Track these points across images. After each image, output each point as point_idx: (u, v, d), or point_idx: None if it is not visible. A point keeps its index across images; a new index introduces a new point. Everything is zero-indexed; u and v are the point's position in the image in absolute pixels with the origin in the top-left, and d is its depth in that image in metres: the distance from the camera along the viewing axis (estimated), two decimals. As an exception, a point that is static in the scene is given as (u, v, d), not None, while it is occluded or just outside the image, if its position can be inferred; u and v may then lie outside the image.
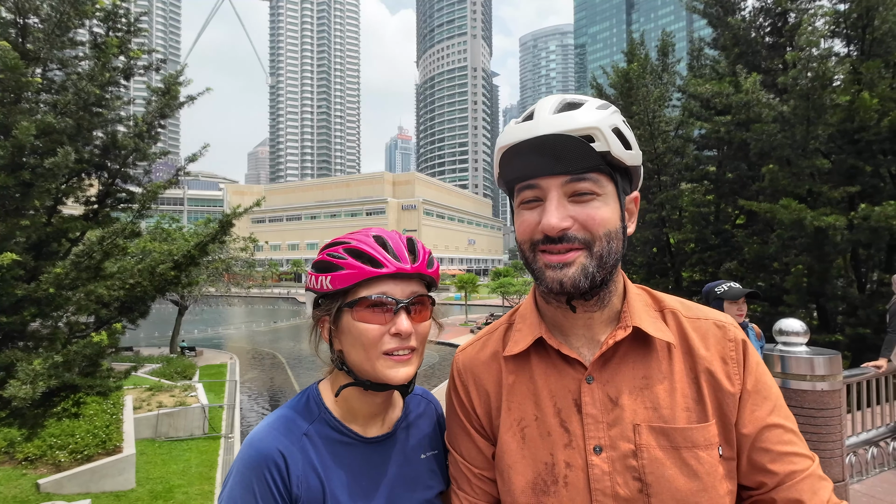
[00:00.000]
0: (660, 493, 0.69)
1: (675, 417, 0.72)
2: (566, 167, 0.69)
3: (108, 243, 4.69)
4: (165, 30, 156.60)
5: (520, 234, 0.75)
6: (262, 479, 0.75)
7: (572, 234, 0.69)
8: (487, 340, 0.90)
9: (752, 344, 0.79)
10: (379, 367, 0.78)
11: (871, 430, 3.89)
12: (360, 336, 0.78)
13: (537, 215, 0.72)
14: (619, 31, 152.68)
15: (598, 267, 0.71)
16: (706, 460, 0.70)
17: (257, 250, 32.24)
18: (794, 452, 0.71)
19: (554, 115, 0.71)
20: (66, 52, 5.47)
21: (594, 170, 0.69)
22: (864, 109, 6.52)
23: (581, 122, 0.69)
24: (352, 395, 0.85)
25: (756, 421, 0.73)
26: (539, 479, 0.75)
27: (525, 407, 0.80)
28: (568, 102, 0.73)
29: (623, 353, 0.77)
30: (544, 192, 0.71)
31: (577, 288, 0.70)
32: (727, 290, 3.01)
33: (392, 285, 0.79)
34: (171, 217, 26.89)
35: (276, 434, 0.79)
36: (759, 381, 0.75)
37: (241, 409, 16.05)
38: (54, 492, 7.88)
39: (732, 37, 8.98)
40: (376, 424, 0.88)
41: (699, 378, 0.74)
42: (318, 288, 0.82)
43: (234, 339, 32.64)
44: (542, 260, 0.72)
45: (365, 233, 0.84)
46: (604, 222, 0.70)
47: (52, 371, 4.13)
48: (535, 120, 0.72)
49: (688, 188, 10.16)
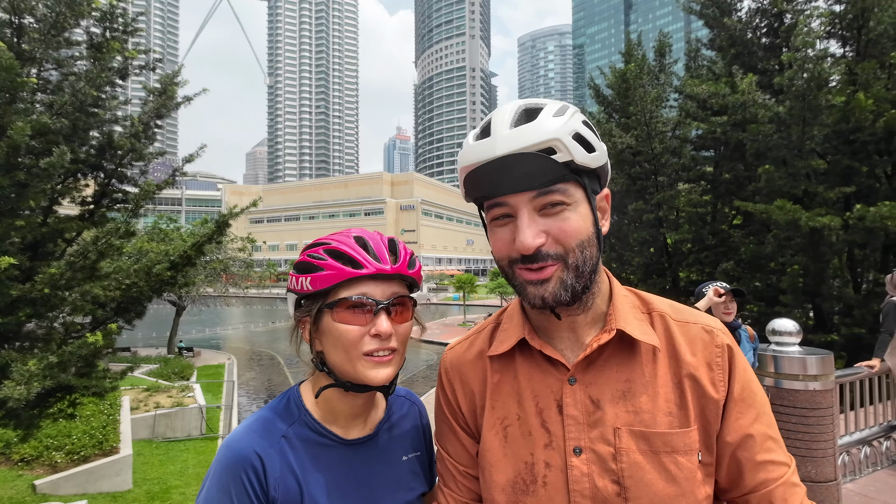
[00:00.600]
0: (638, 497, 0.69)
1: (657, 422, 0.72)
2: (530, 183, 0.67)
3: (102, 243, 4.68)
4: (163, 30, 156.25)
5: (496, 251, 0.75)
6: (238, 480, 0.74)
7: (545, 251, 0.69)
8: (475, 340, 0.91)
9: (739, 350, 0.79)
10: (359, 368, 0.78)
11: (864, 429, 3.91)
12: (340, 337, 0.78)
13: (510, 232, 0.71)
14: (617, 32, 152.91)
15: (577, 277, 0.70)
16: (685, 466, 0.70)
17: (255, 250, 32.22)
18: (771, 461, 0.72)
19: (511, 131, 0.68)
20: (62, 53, 5.46)
21: (559, 180, 0.68)
22: (860, 110, 6.55)
23: (539, 136, 0.67)
24: (332, 397, 0.85)
25: (739, 429, 0.73)
26: (519, 478, 0.75)
27: (508, 406, 0.80)
28: (525, 110, 0.71)
29: (607, 356, 0.77)
30: (514, 209, 0.70)
31: (558, 301, 0.71)
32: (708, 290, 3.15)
33: (372, 286, 0.79)
34: (168, 217, 26.83)
35: (253, 436, 0.79)
36: (744, 389, 0.75)
37: (239, 409, 16.02)
38: (51, 493, 7.86)
39: (729, 38, 9.01)
40: (358, 426, 0.88)
41: (683, 383, 0.74)
42: (298, 289, 0.82)
43: (232, 339, 32.58)
44: (521, 276, 0.72)
45: (346, 233, 0.84)
46: (576, 233, 0.69)
47: (48, 372, 4.12)
48: (492, 137, 0.70)
49: (685, 188, 10.18)
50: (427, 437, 0.99)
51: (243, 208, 6.17)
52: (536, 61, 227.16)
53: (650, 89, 10.16)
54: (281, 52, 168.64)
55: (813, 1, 8.10)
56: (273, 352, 27.51)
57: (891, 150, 7.04)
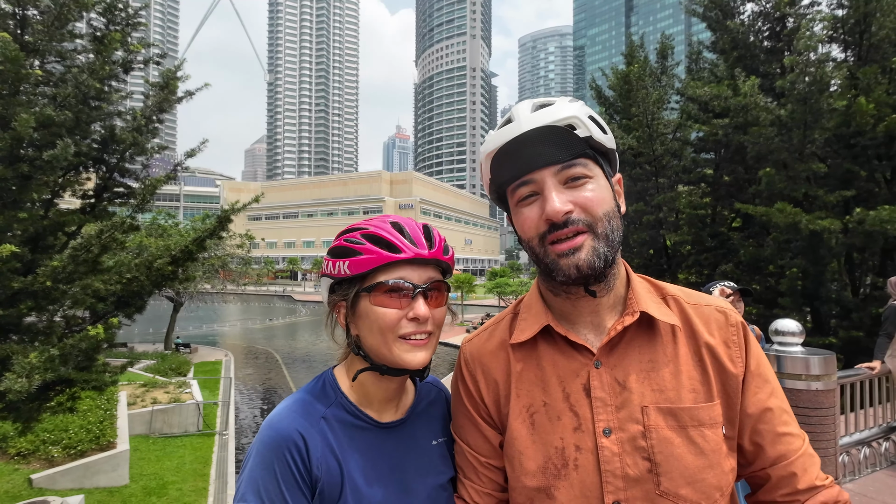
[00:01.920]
0: (669, 472, 0.71)
1: (682, 398, 0.75)
2: (556, 156, 0.72)
3: (106, 237, 4.66)
4: (163, 25, 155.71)
5: (525, 231, 0.77)
6: (282, 459, 0.75)
7: (575, 217, 0.72)
8: (494, 330, 0.91)
9: (749, 329, 0.82)
10: (396, 351, 0.79)
11: (864, 430, 3.94)
12: (377, 320, 0.79)
13: (537, 209, 0.74)
14: (618, 34, 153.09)
15: (607, 246, 0.74)
16: (711, 438, 0.73)
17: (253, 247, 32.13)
18: (789, 433, 0.76)
19: (533, 114, 0.75)
20: (65, 45, 5.44)
21: (581, 155, 0.73)
22: (861, 114, 6.58)
23: (561, 114, 0.73)
24: (367, 380, 0.85)
25: (758, 402, 0.76)
26: (549, 464, 0.77)
27: (534, 393, 0.81)
28: (540, 104, 0.77)
29: (629, 337, 0.79)
30: (540, 185, 0.74)
31: (592, 269, 0.73)
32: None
33: (409, 270, 0.80)
34: (167, 213, 26.76)
35: (295, 416, 0.80)
36: (760, 364, 0.79)
37: (236, 406, 16.00)
38: (47, 487, 7.83)
39: (731, 40, 9.03)
40: (390, 410, 0.89)
41: (704, 360, 0.77)
42: (335, 273, 0.83)
43: (230, 336, 32.50)
44: (553, 252, 0.74)
45: (382, 219, 0.85)
46: (601, 202, 0.74)
47: (49, 364, 4.10)
48: (516, 121, 0.75)
49: (685, 190, 10.20)
50: None
51: (245, 204, 6.15)
52: (537, 62, 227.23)
53: (652, 91, 10.17)
54: (281, 50, 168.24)
55: (815, 5, 8.13)
56: (270, 349, 27.48)
57: (891, 155, 7.08)
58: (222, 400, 14.97)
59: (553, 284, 0.81)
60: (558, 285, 0.80)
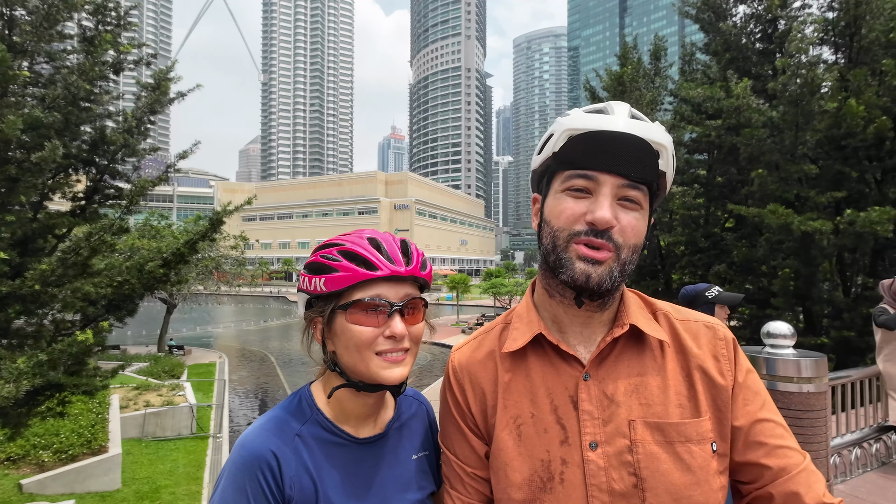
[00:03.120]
0: (654, 488, 0.70)
1: (669, 413, 0.74)
2: (630, 170, 0.71)
3: (95, 239, 4.61)
4: (156, 26, 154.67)
5: (560, 220, 0.74)
6: (254, 479, 0.74)
7: (613, 234, 0.71)
8: (483, 340, 0.91)
9: (738, 344, 0.82)
10: (373, 367, 0.78)
11: (856, 431, 3.96)
12: (353, 338, 0.78)
13: (584, 206, 0.72)
14: (611, 35, 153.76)
15: (620, 273, 0.73)
16: (699, 454, 0.72)
17: (248, 249, 31.97)
18: (787, 446, 0.74)
19: (631, 120, 0.72)
20: (55, 46, 5.38)
21: (648, 183, 0.73)
22: (851, 116, 6.62)
23: (657, 136, 0.72)
24: (344, 397, 0.84)
25: (748, 414, 0.75)
26: (535, 476, 0.76)
27: (521, 404, 0.81)
28: (635, 114, 0.74)
29: (619, 351, 0.79)
30: (598, 186, 0.71)
31: (600, 287, 0.72)
32: (718, 294, 2.89)
33: (386, 288, 0.79)
34: (160, 214, 26.56)
35: (268, 434, 0.78)
36: (748, 377, 0.78)
37: (230, 408, 15.90)
38: (37, 492, 7.75)
39: (723, 42, 9.08)
40: (368, 425, 0.88)
41: (692, 375, 0.77)
42: (311, 289, 0.82)
43: (224, 338, 32.34)
44: (576, 251, 0.72)
45: (359, 234, 0.83)
46: (637, 234, 0.73)
47: (37, 369, 4.05)
48: (613, 115, 0.73)
49: (678, 191, 10.25)
50: (435, 437, 0.99)
51: (238, 205, 6.10)
52: (532, 63, 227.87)
53: (645, 92, 10.22)
54: (275, 50, 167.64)
55: (807, 8, 8.19)
56: (265, 351, 27.35)
57: (881, 156, 7.14)
58: (216, 402, 14.89)
59: (551, 283, 0.80)
60: (556, 285, 0.79)
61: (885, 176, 7.30)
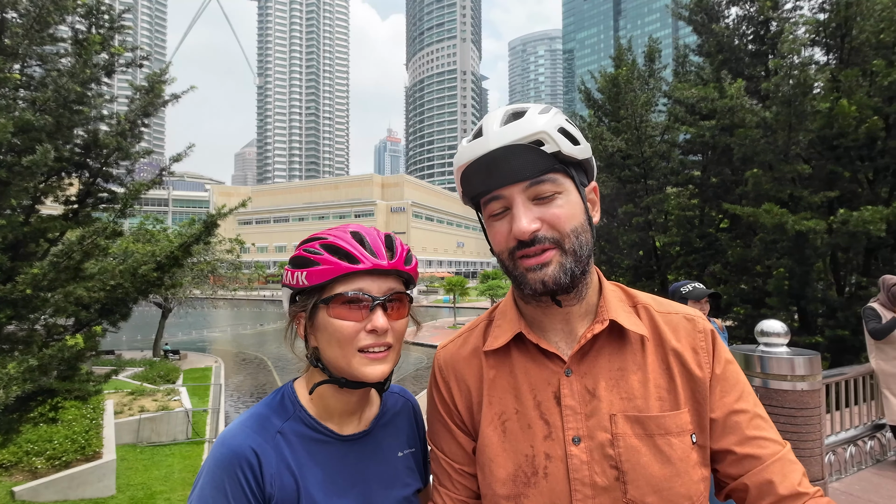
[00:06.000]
0: (635, 480, 0.71)
1: (649, 406, 0.75)
2: (523, 174, 0.72)
3: (88, 243, 4.58)
4: (151, 29, 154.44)
5: (496, 245, 0.78)
6: (233, 477, 0.73)
7: (542, 234, 0.72)
8: (468, 337, 0.91)
9: (720, 336, 0.83)
10: (355, 364, 0.77)
11: (850, 429, 3.97)
12: (335, 333, 0.77)
13: (507, 224, 0.75)
14: (606, 37, 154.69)
15: (575, 261, 0.74)
16: (679, 447, 0.73)
17: (244, 252, 31.85)
18: (762, 437, 0.74)
19: (501, 128, 0.73)
20: (46, 49, 5.34)
21: (549, 171, 0.72)
22: (843, 116, 6.67)
23: (528, 130, 0.72)
24: (327, 393, 0.83)
25: (724, 406, 0.76)
26: (520, 472, 0.76)
27: (506, 401, 0.81)
28: (512, 113, 0.76)
29: (599, 346, 0.79)
30: (509, 201, 0.74)
31: (558, 284, 0.73)
32: (692, 290, 3.37)
33: (369, 282, 0.79)
34: (154, 218, 26.44)
35: (248, 432, 0.77)
36: (726, 369, 0.79)
37: (226, 413, 15.80)
38: (30, 499, 7.66)
39: (717, 44, 9.14)
40: (352, 422, 0.87)
41: (671, 368, 0.77)
42: (293, 284, 0.81)
43: (220, 342, 32.18)
44: (521, 266, 0.74)
45: (342, 229, 0.83)
46: (569, 218, 0.73)
47: (28, 375, 4.00)
48: (484, 136, 0.75)
49: (673, 192, 10.29)
50: (421, 434, 0.98)
51: (232, 208, 6.07)
52: (527, 65, 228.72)
53: (640, 93, 10.26)
54: (271, 53, 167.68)
55: (798, 9, 8.25)
56: (262, 355, 27.22)
57: (872, 156, 7.19)
58: (212, 407, 14.80)
59: (524, 294, 0.82)
60: (529, 296, 0.80)
61: (877, 175, 7.35)
